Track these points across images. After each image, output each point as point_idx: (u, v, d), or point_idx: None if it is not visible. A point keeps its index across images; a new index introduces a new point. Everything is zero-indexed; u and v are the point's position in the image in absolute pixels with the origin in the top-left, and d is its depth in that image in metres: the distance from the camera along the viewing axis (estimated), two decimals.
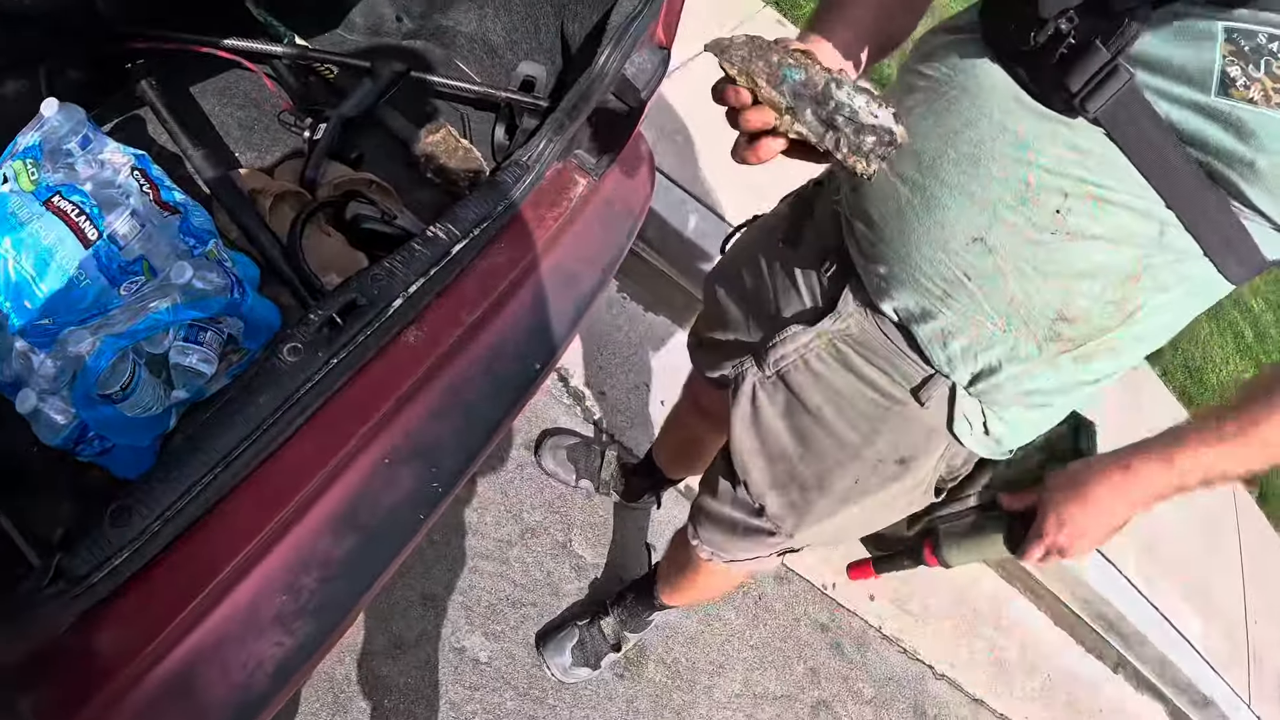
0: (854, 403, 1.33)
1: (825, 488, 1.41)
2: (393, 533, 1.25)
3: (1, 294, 1.39)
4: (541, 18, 2.07)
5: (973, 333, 1.15)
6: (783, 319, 1.41)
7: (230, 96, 2.05)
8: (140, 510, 0.94)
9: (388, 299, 1.26)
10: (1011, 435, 1.29)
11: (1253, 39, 0.86)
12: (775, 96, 0.91)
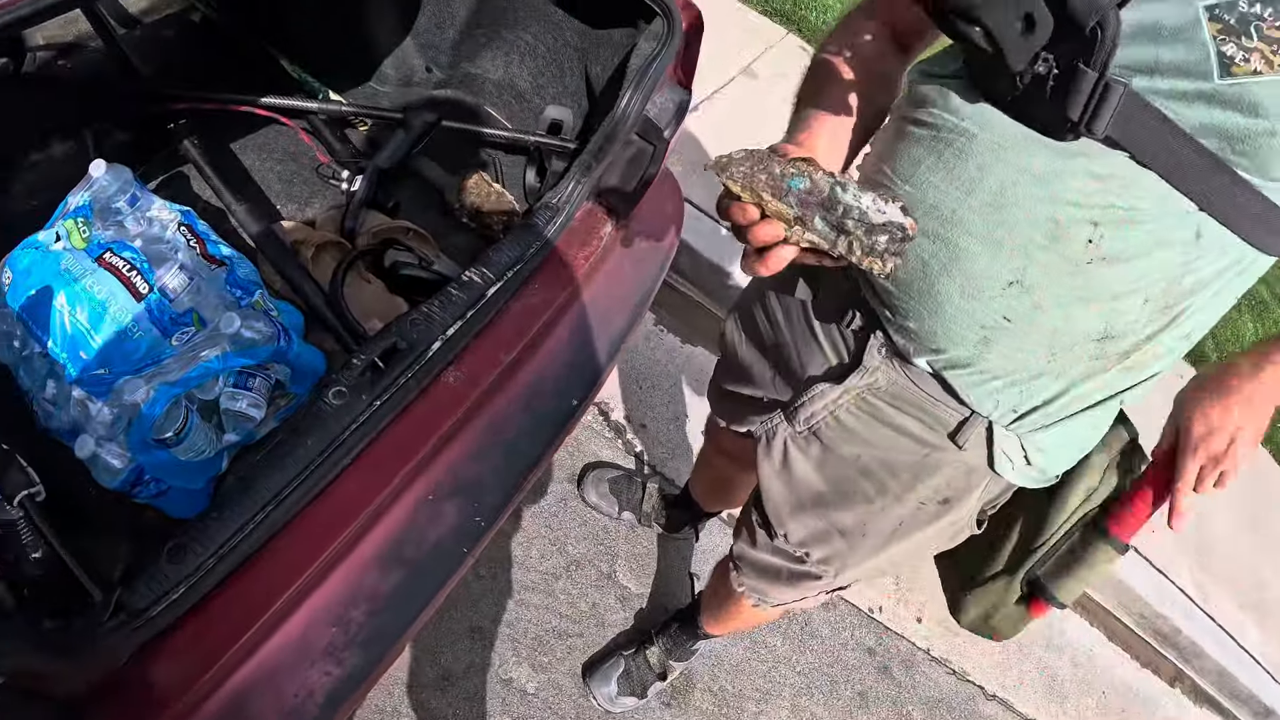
0: (890, 452, 1.32)
1: (869, 533, 1.40)
2: (437, 566, 1.30)
3: (59, 346, 1.47)
4: (566, 62, 2.15)
5: (1016, 371, 1.14)
6: (809, 377, 1.40)
7: (270, 152, 2.15)
8: (195, 548, 1.01)
9: (427, 342, 1.33)
10: (1054, 461, 1.28)
11: (1234, 9, 0.85)
12: (782, 209, 0.91)
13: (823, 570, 1.51)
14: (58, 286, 1.52)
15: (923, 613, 3.03)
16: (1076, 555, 1.38)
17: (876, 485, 1.35)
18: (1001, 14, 0.89)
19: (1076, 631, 3.32)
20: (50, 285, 1.53)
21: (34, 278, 1.54)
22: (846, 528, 1.42)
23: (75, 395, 1.45)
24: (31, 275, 1.55)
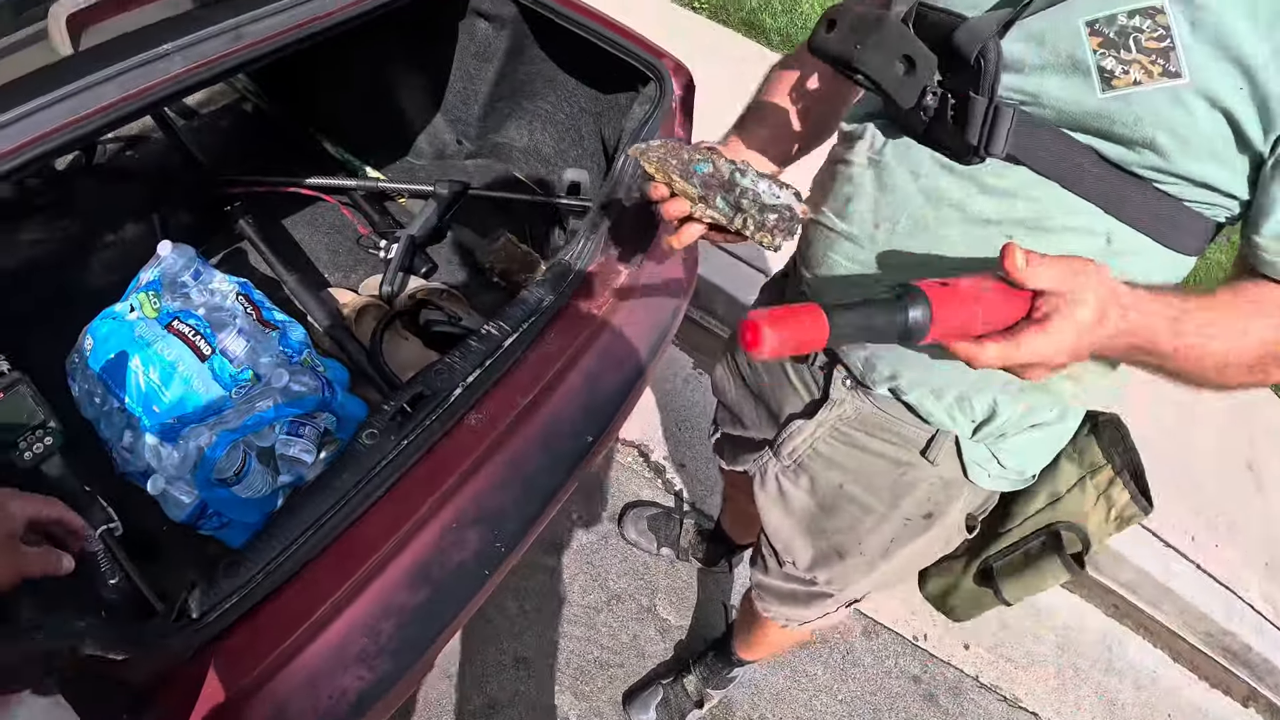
0: (870, 476, 1.37)
1: (864, 551, 1.47)
2: (460, 586, 1.44)
3: (134, 401, 1.69)
4: (583, 126, 2.32)
5: (961, 384, 1.18)
6: (787, 415, 1.47)
7: (316, 226, 2.36)
8: (246, 563, 1.19)
9: (449, 389, 1.50)
10: (1030, 462, 1.32)
11: (1114, 23, 0.88)
12: (688, 188, 1.05)
13: (833, 589, 1.59)
14: (133, 350, 1.74)
15: (970, 639, 2.96)
16: (1030, 560, 1.43)
17: (862, 507, 1.41)
18: (879, 61, 0.99)
19: (1138, 653, 3.18)
20: (126, 350, 1.76)
21: (112, 343, 1.78)
22: (844, 549, 1.49)
23: (149, 442, 1.67)
24: (110, 341, 1.79)
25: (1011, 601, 1.49)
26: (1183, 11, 0.85)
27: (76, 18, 1.50)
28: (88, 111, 1.39)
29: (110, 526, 1.28)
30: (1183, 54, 0.86)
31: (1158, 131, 0.90)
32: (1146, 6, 0.86)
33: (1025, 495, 1.41)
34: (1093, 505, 1.37)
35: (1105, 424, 1.39)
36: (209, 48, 1.54)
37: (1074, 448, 1.36)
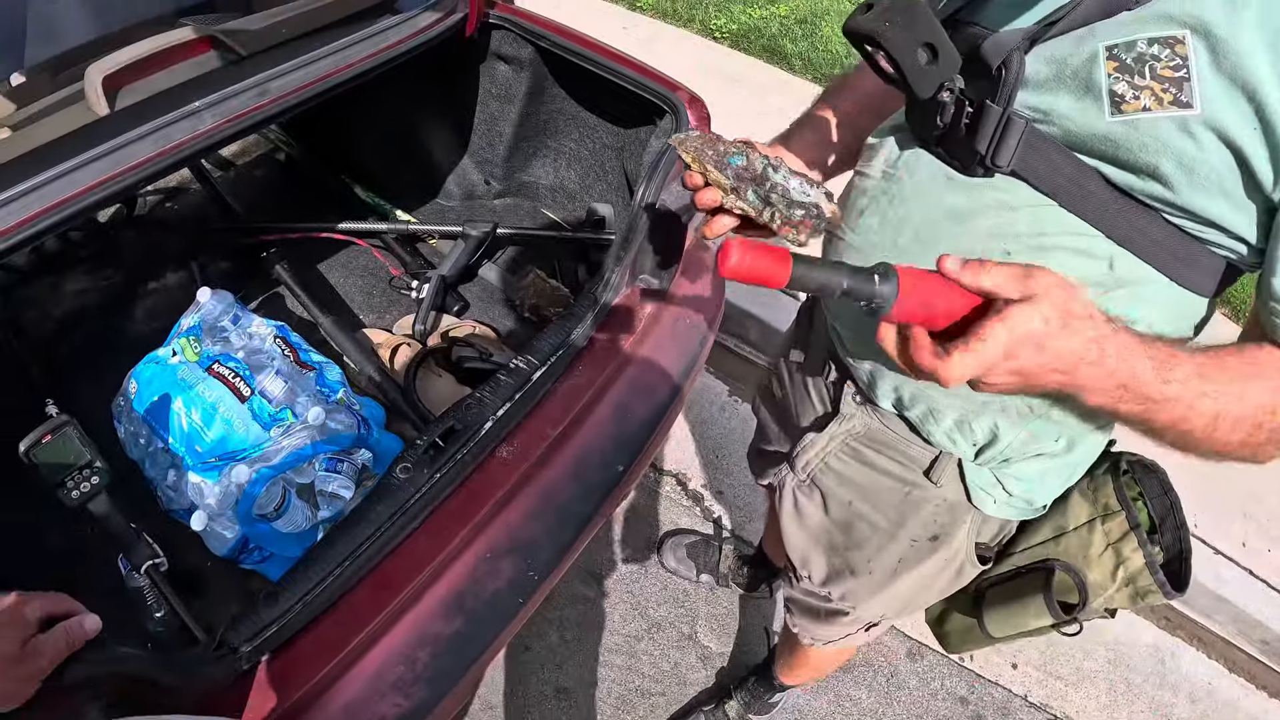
0: (877, 493, 1.38)
1: (874, 570, 1.47)
2: (494, 615, 1.47)
3: (178, 441, 1.75)
4: (607, 162, 2.36)
5: (960, 407, 1.18)
6: (801, 428, 1.50)
7: (350, 270, 2.43)
8: (285, 595, 1.23)
9: (480, 422, 1.54)
10: (1038, 491, 1.28)
11: (1132, 49, 0.88)
12: (721, 179, 1.06)
13: (846, 606, 1.60)
14: (175, 393, 1.81)
15: (1018, 657, 2.89)
16: (1018, 593, 1.40)
17: (870, 525, 1.42)
18: (904, 41, 0.97)
19: (1191, 664, 3.07)
20: (169, 392, 1.83)
21: (155, 387, 1.85)
22: (854, 566, 1.50)
23: (192, 480, 1.73)
24: (153, 385, 1.86)
25: (995, 635, 1.47)
26: (1204, 45, 0.85)
27: (112, 78, 1.56)
28: (125, 167, 1.47)
29: (156, 562, 1.34)
30: (1197, 85, 0.86)
31: (1162, 159, 0.90)
32: (1167, 36, 0.87)
33: (1033, 523, 1.39)
34: (1098, 554, 1.32)
35: (1139, 469, 1.35)
36: (237, 103, 1.61)
37: (1090, 483, 1.33)
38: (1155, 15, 0.87)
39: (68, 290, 2.42)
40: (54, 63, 1.71)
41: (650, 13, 5.18)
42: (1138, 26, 0.88)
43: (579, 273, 2.37)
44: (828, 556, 1.54)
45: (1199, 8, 0.84)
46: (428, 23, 1.96)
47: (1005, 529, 1.38)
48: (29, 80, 1.70)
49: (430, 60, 1.99)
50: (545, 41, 2.10)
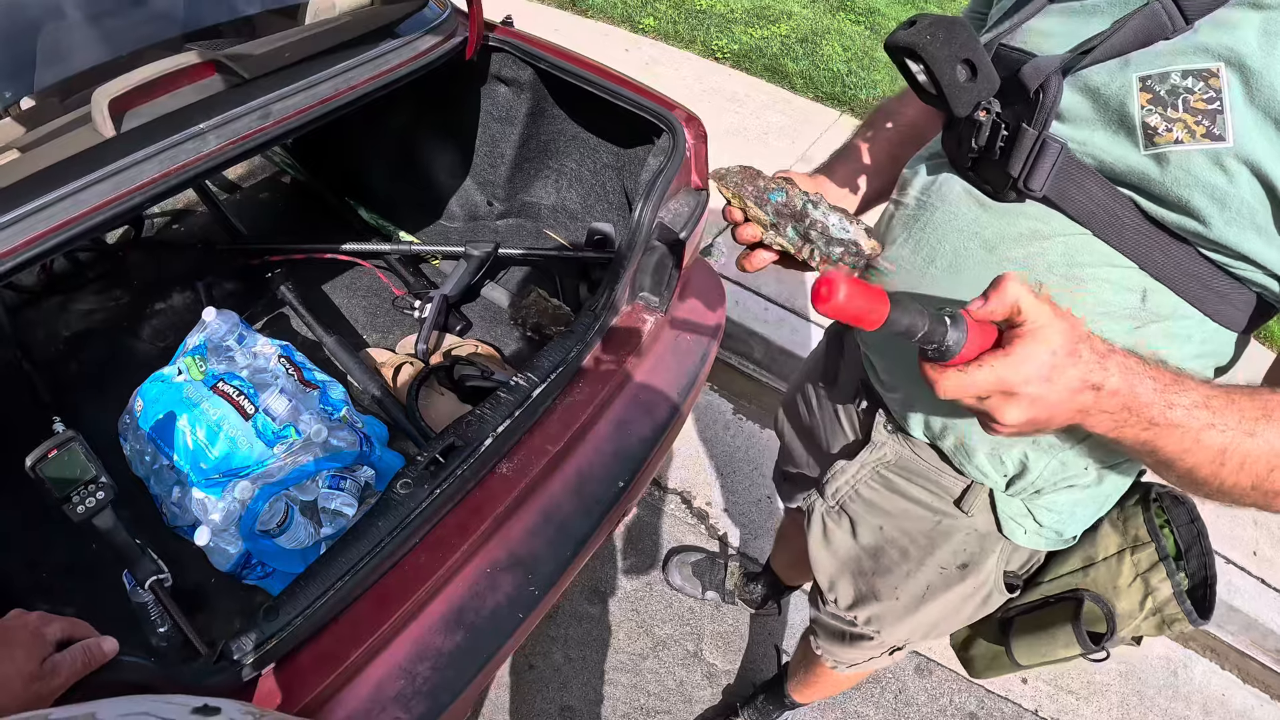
0: (907, 521, 1.37)
1: (901, 596, 1.46)
2: (495, 629, 1.48)
3: (183, 458, 1.77)
4: (608, 181, 2.39)
5: (991, 439, 1.17)
6: (831, 455, 1.49)
7: (354, 290, 2.46)
8: (286, 608, 1.24)
9: (479, 439, 1.55)
10: (1069, 522, 1.28)
11: (1166, 81, 0.87)
12: (761, 215, 1.06)
13: (872, 630, 1.60)
14: (180, 411, 1.83)
15: (1028, 671, 2.80)
16: (1046, 623, 1.39)
17: (900, 552, 1.41)
18: (945, 56, 0.95)
19: (1204, 676, 3.05)
20: (174, 410, 1.85)
21: (161, 405, 1.88)
22: (881, 592, 1.49)
23: (196, 497, 1.75)
24: (159, 403, 1.89)
25: (1022, 663, 1.45)
26: (1238, 77, 0.84)
27: (118, 101, 1.59)
28: (131, 188, 1.50)
29: (159, 577, 1.35)
30: (1230, 118, 0.85)
31: (1194, 192, 0.88)
32: (1202, 69, 0.86)
33: (1062, 553, 1.37)
34: (1127, 585, 1.30)
35: (1168, 500, 1.33)
36: (240, 125, 1.64)
37: (1119, 514, 1.32)
38: (1191, 47, 0.87)
39: (75, 309, 2.46)
40: (62, 87, 1.74)
41: (652, 34, 5.22)
42: (1173, 58, 0.88)
43: (580, 291, 2.39)
44: (855, 581, 1.54)
45: (1234, 40, 0.84)
46: (428, 46, 1.99)
47: (1034, 558, 1.38)
48: (38, 104, 1.73)
49: (432, 83, 2.01)
50: (545, 64, 2.13)
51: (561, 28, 5.24)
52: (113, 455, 1.99)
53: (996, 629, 1.51)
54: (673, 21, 5.33)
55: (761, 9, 5.68)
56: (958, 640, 1.64)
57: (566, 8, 5.53)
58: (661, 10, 5.47)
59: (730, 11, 5.56)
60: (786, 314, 3.37)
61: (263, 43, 1.82)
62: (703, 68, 4.90)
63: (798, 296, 3.48)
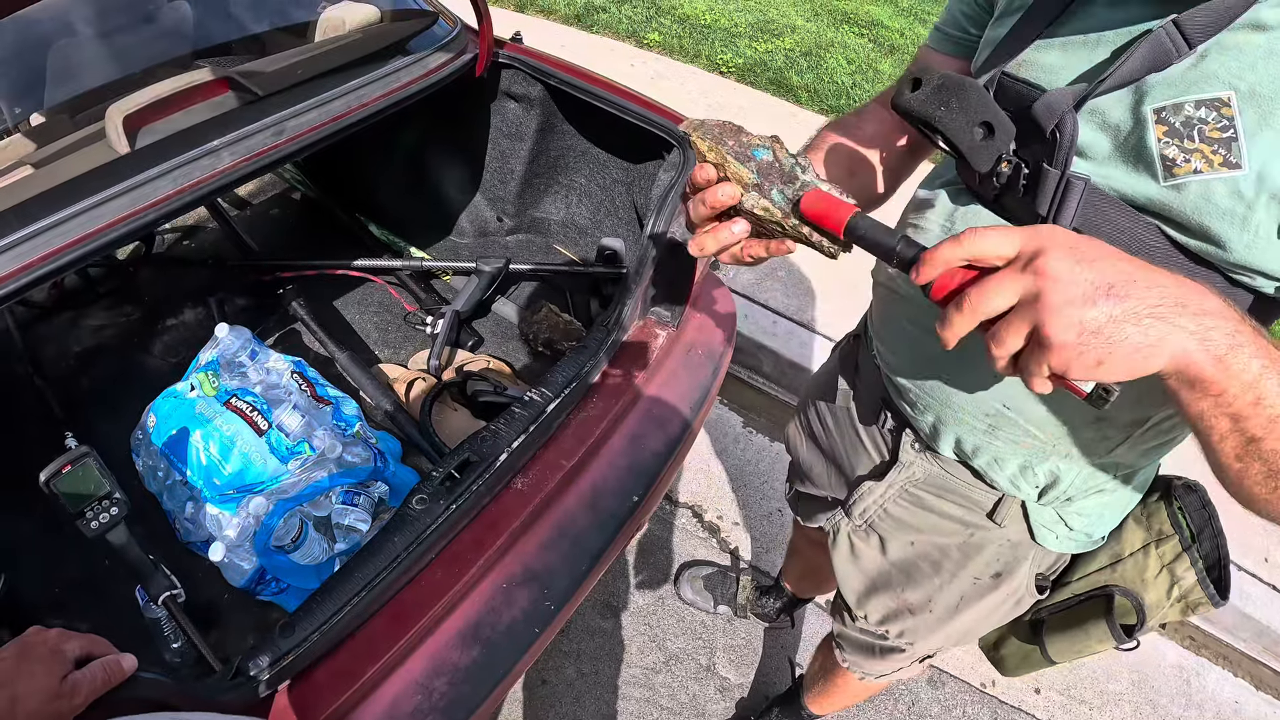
0: (939, 536, 1.38)
1: (934, 609, 1.47)
2: (511, 645, 1.48)
3: (196, 474, 1.77)
4: (617, 197, 2.39)
5: (1024, 453, 1.17)
6: (858, 476, 1.49)
7: (365, 306, 2.46)
8: (302, 624, 1.24)
9: (494, 455, 1.56)
10: (1098, 525, 1.29)
11: (1180, 112, 0.87)
12: (743, 172, 0.89)
13: (905, 644, 1.60)
14: (194, 427, 1.84)
15: (1041, 683, 2.86)
16: (1078, 619, 1.39)
17: (932, 566, 1.42)
18: (960, 124, 0.95)
19: (1217, 683, 3.03)
20: (187, 426, 1.86)
21: (174, 420, 1.88)
22: (914, 605, 1.49)
23: (210, 512, 1.75)
24: (172, 419, 1.89)
25: (1056, 660, 1.46)
26: (1250, 104, 0.84)
27: (132, 118, 1.60)
28: (144, 204, 1.51)
29: (173, 593, 1.35)
30: (1245, 145, 0.84)
31: (1214, 219, 0.87)
32: (1213, 98, 0.85)
33: (1090, 552, 1.38)
34: (1154, 577, 1.31)
35: (1181, 489, 1.33)
36: (254, 143, 1.65)
37: (1143, 510, 1.33)
38: (1202, 75, 0.87)
39: (88, 325, 2.47)
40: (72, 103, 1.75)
41: (657, 49, 5.25)
42: (1185, 87, 0.88)
43: (591, 306, 2.39)
44: (886, 597, 1.54)
45: (1242, 66, 0.84)
46: (438, 63, 2.00)
47: (1061, 559, 1.38)
48: (48, 120, 1.74)
49: (442, 100, 2.02)
50: (554, 80, 2.14)
51: (568, 44, 5.26)
52: (126, 471, 2.00)
53: (1027, 630, 1.51)
54: (678, 36, 5.35)
55: (765, 23, 5.70)
56: (987, 642, 1.64)
57: (572, 23, 5.56)
58: (666, 25, 5.50)
59: (734, 26, 5.59)
60: (795, 327, 3.37)
61: (275, 60, 1.83)
62: (708, 82, 4.92)
63: (807, 309, 3.48)
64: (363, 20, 2.06)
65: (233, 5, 2.39)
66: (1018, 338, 0.71)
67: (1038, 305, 0.69)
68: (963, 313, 0.73)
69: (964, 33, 1.22)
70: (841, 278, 3.65)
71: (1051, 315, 0.68)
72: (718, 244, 0.94)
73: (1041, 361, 0.70)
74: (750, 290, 3.56)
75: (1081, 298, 0.68)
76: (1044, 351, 0.69)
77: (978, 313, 0.72)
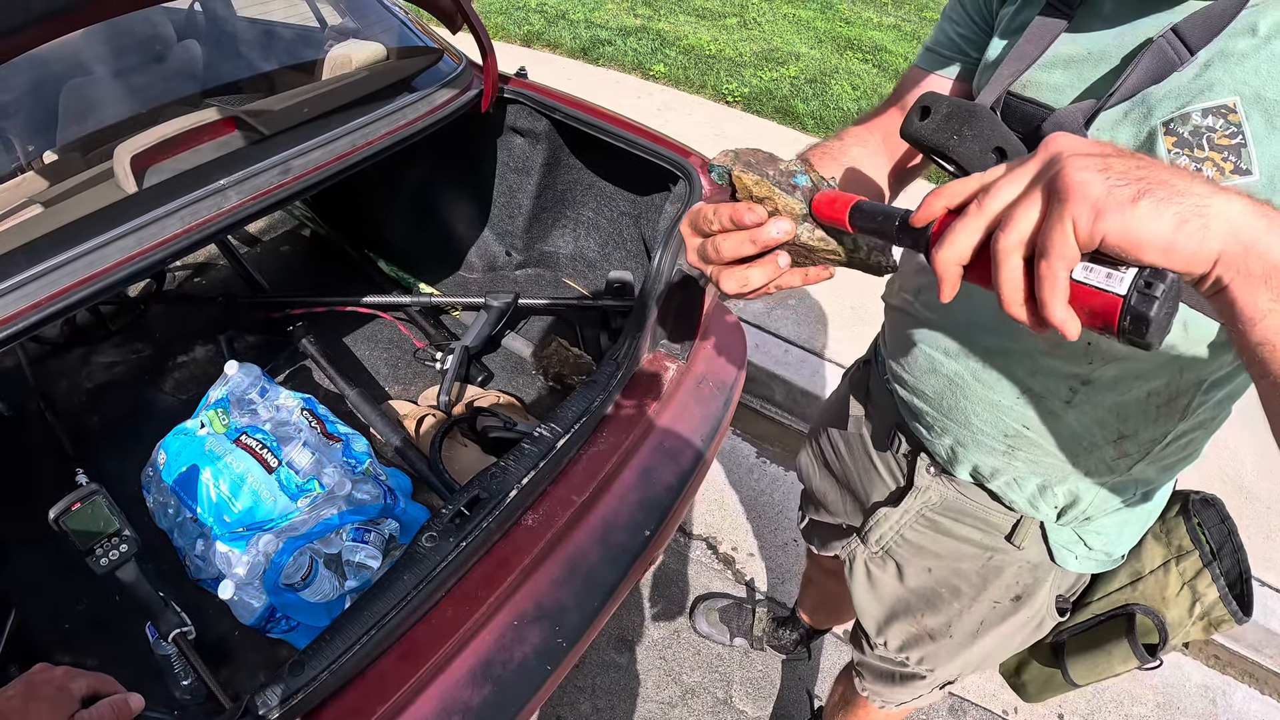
0: (957, 561, 1.37)
1: (954, 634, 1.45)
2: (523, 682, 1.46)
3: (206, 511, 1.77)
4: (625, 229, 2.40)
5: (1044, 474, 1.18)
6: (872, 503, 1.48)
7: (375, 342, 2.47)
8: (311, 662, 1.23)
9: (505, 491, 1.55)
10: (1117, 543, 1.29)
11: (1188, 122, 0.86)
12: (793, 204, 0.78)
13: (925, 670, 1.58)
14: (204, 464, 1.84)
15: (1065, 709, 2.79)
16: (1099, 640, 1.37)
17: (951, 591, 1.41)
18: (973, 151, 0.92)
19: (1244, 702, 2.96)
20: (198, 463, 1.86)
21: (184, 458, 1.89)
22: (934, 631, 1.48)
23: (220, 550, 1.75)
24: (182, 456, 1.89)
25: (1079, 683, 1.44)
26: (1256, 108, 0.83)
27: (140, 158, 1.61)
28: (153, 243, 1.52)
29: (183, 630, 1.35)
30: (1254, 150, 0.84)
31: None
32: (1219, 105, 0.85)
33: (1109, 571, 1.37)
34: (1175, 594, 1.30)
35: (1199, 504, 1.32)
36: (260, 181, 1.66)
37: (1162, 527, 1.32)
38: (1207, 83, 0.86)
39: (98, 362, 2.48)
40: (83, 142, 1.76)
41: (663, 81, 5.28)
42: (1190, 96, 0.87)
43: (601, 340, 2.39)
44: (905, 624, 1.52)
45: (1246, 71, 0.84)
46: (443, 99, 2.01)
47: (1081, 579, 1.37)
48: (60, 158, 1.75)
49: (448, 136, 2.03)
50: (559, 114, 2.15)
51: (574, 77, 5.30)
52: (136, 508, 2.00)
53: (1049, 653, 1.49)
54: (683, 67, 5.38)
55: (770, 51, 5.74)
56: (1008, 668, 1.62)
57: (579, 57, 5.60)
58: (672, 57, 5.53)
59: (739, 55, 5.63)
60: (807, 355, 3.36)
61: (281, 99, 1.84)
62: (714, 112, 4.95)
63: (818, 337, 3.48)
64: (369, 58, 2.08)
65: (242, 44, 2.42)
66: (1031, 210, 0.58)
67: (1050, 165, 0.59)
68: (967, 218, 0.63)
69: (961, 54, 1.20)
70: (851, 304, 3.65)
71: (1066, 162, 0.57)
72: (765, 278, 0.81)
73: (1062, 220, 0.56)
74: (760, 319, 3.56)
75: (1100, 150, 0.58)
76: (1063, 205, 0.56)
77: (985, 211, 0.62)
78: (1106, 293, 0.56)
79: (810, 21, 6.78)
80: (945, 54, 1.23)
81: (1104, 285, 0.56)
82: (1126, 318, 0.56)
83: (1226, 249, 0.54)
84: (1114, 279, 0.56)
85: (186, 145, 1.69)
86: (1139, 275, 0.55)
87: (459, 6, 1.95)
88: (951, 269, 0.65)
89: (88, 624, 1.85)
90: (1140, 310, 0.55)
